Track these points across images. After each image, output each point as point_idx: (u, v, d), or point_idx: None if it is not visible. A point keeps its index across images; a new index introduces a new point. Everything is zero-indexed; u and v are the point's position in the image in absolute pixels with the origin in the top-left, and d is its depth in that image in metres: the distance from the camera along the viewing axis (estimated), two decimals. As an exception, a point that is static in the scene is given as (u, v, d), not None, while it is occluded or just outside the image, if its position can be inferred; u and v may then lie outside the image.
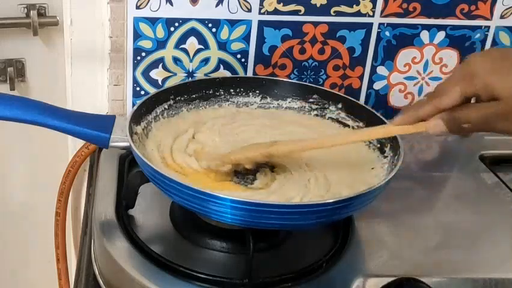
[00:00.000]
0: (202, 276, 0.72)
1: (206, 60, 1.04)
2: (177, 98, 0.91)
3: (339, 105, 0.92)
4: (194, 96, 0.92)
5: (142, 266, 0.74)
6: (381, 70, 1.10)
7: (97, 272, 0.79)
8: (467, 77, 0.68)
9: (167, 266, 0.73)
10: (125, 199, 0.83)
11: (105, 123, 0.80)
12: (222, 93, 0.94)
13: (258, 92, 0.95)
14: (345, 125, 0.91)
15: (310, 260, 0.76)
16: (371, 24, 1.06)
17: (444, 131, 0.70)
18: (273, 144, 0.79)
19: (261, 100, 0.95)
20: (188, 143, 0.86)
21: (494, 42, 1.11)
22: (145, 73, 1.04)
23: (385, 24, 1.06)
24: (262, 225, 0.70)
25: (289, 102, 0.95)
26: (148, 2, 0.98)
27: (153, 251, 0.75)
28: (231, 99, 0.94)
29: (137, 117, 0.83)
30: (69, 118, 0.79)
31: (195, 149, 0.84)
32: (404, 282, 0.75)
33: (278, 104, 0.95)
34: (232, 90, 0.94)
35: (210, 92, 0.93)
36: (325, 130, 0.91)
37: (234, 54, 1.05)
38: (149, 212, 0.85)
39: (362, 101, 1.11)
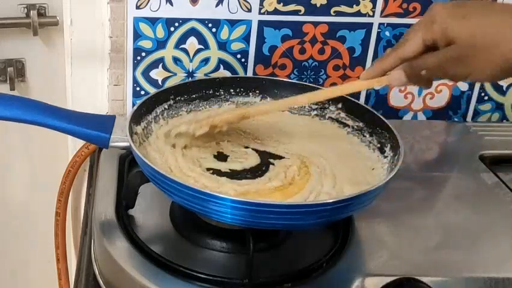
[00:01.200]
0: (202, 276, 0.72)
1: (206, 60, 1.04)
2: (177, 98, 0.91)
3: (339, 105, 0.92)
4: (194, 96, 0.92)
5: (142, 266, 0.74)
6: (381, 70, 1.10)
7: (97, 272, 0.79)
8: (428, 24, 0.71)
9: (167, 266, 0.73)
10: (125, 199, 0.83)
11: (105, 123, 0.80)
12: (222, 93, 0.94)
13: (258, 92, 0.95)
14: (345, 125, 0.91)
15: (310, 260, 0.76)
16: (371, 24, 1.06)
17: (405, 82, 0.73)
18: (248, 107, 0.82)
19: (261, 100, 0.95)
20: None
21: (494, 42, 1.11)
22: (145, 73, 1.04)
23: (385, 24, 1.06)
24: (262, 225, 0.70)
25: (289, 102, 0.95)
26: (148, 2, 0.98)
27: (153, 251, 0.75)
28: (231, 99, 0.94)
29: (137, 117, 0.83)
30: (69, 118, 0.79)
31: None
32: (404, 282, 0.75)
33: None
34: (232, 90, 0.94)
35: (210, 92, 0.93)
36: (325, 130, 0.91)
37: (234, 54, 1.05)
38: (149, 212, 0.85)
39: (362, 101, 1.12)
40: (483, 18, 0.69)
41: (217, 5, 1.00)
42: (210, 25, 1.02)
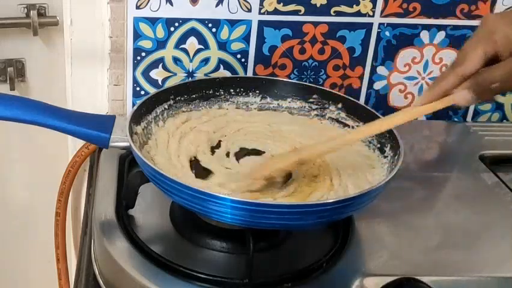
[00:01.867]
0: (202, 276, 0.72)
1: (206, 60, 1.04)
2: (177, 98, 0.91)
3: (339, 105, 0.92)
4: (194, 96, 0.92)
5: (142, 266, 0.74)
6: (381, 70, 1.10)
7: (97, 272, 0.79)
8: (486, 36, 0.68)
9: (167, 266, 0.73)
10: (125, 199, 0.83)
11: (105, 123, 0.80)
12: (222, 93, 0.94)
13: (258, 92, 0.95)
14: (345, 125, 0.91)
15: (310, 260, 0.76)
16: (371, 24, 1.06)
17: (473, 100, 0.69)
18: (300, 150, 0.77)
19: (260, 100, 0.95)
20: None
21: (494, 42, 1.11)
22: (145, 73, 1.04)
23: (385, 24, 1.06)
24: (262, 225, 0.70)
25: (289, 102, 0.95)
26: (148, 2, 0.98)
27: (153, 251, 0.75)
28: (230, 99, 0.94)
29: (137, 117, 0.83)
30: (69, 118, 0.78)
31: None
32: (404, 282, 0.75)
33: (278, 104, 0.95)
34: (232, 90, 0.94)
35: (210, 92, 0.93)
36: (324, 130, 0.91)
37: (234, 54, 1.05)
38: (149, 212, 0.85)
39: (362, 101, 1.11)
40: None
41: (217, 5, 1.00)
42: (210, 25, 1.02)
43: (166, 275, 0.73)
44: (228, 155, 0.85)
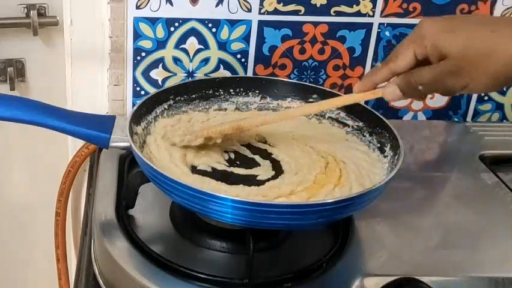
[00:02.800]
0: (202, 276, 0.72)
1: (206, 60, 1.04)
2: (177, 98, 0.91)
3: (339, 105, 0.92)
4: (194, 96, 0.92)
5: (142, 266, 0.74)
6: (381, 70, 1.10)
7: (97, 272, 0.79)
8: (418, 39, 0.71)
9: (167, 266, 0.73)
10: (125, 199, 0.83)
11: (105, 123, 0.80)
12: (222, 93, 0.94)
13: (257, 92, 0.95)
14: (345, 125, 0.91)
15: (310, 260, 0.76)
16: (371, 24, 1.06)
17: (400, 96, 0.73)
18: (243, 119, 0.83)
19: (260, 100, 0.95)
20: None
21: (494, 42, 1.11)
22: (145, 73, 1.04)
23: (385, 24, 1.06)
24: (263, 225, 0.70)
25: (289, 102, 0.95)
26: (148, 2, 0.98)
27: (153, 251, 0.75)
28: (230, 99, 0.94)
29: (137, 117, 0.83)
30: (69, 118, 0.78)
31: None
32: (404, 282, 0.75)
33: (278, 104, 0.95)
34: (232, 90, 0.94)
35: (210, 92, 0.93)
36: (324, 130, 0.91)
37: (234, 54, 1.05)
38: (149, 212, 0.85)
39: (362, 101, 1.11)
40: (473, 30, 0.68)
41: (217, 5, 1.00)
42: (210, 25, 1.02)
43: (166, 275, 0.73)
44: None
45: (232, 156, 0.85)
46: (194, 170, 0.81)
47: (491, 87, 0.69)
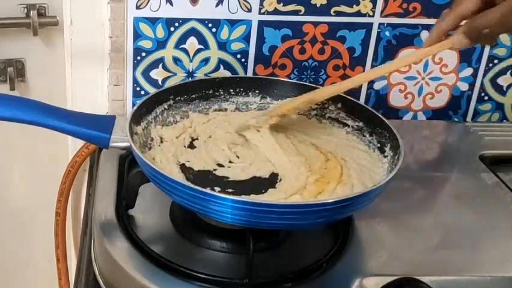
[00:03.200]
0: (202, 276, 0.72)
1: (206, 60, 1.04)
2: (177, 98, 0.91)
3: (339, 105, 0.92)
4: (194, 96, 0.92)
5: (142, 266, 0.74)
6: (381, 70, 1.10)
7: (97, 272, 0.79)
8: None
9: (167, 266, 0.73)
10: (125, 199, 0.83)
11: (105, 123, 0.80)
12: (222, 93, 0.94)
13: (257, 92, 0.95)
14: (345, 125, 0.91)
15: (310, 260, 0.76)
16: (371, 24, 1.06)
17: (468, 43, 0.73)
18: (309, 93, 0.85)
19: (260, 100, 0.95)
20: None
21: (494, 42, 1.11)
22: (145, 73, 1.04)
23: (385, 24, 1.06)
24: (263, 225, 0.70)
25: (289, 102, 0.95)
26: (148, 2, 0.98)
27: (153, 251, 0.75)
28: (230, 99, 0.94)
29: (137, 117, 0.83)
30: (69, 118, 0.78)
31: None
32: (404, 282, 0.75)
33: (278, 103, 0.95)
34: (231, 90, 0.94)
35: (210, 92, 0.93)
36: (324, 130, 0.91)
37: (234, 54, 1.05)
38: (149, 212, 0.85)
39: (362, 101, 1.11)
40: None
41: (217, 5, 1.00)
42: (210, 25, 1.02)
43: (166, 275, 0.73)
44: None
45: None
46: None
47: None
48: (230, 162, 0.83)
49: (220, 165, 0.83)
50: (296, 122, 0.93)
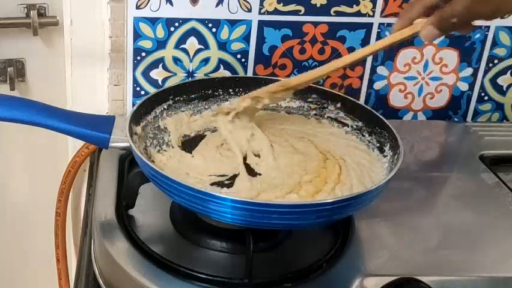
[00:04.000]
0: (202, 276, 0.72)
1: (206, 60, 1.04)
2: (176, 98, 0.91)
3: (338, 105, 0.92)
4: (193, 96, 0.92)
5: (142, 266, 0.74)
6: (381, 70, 1.10)
7: (97, 272, 0.79)
8: None
9: (167, 266, 0.73)
10: (125, 199, 0.83)
11: (105, 123, 0.80)
12: (221, 93, 0.94)
13: (257, 92, 0.95)
14: (345, 125, 0.91)
15: (310, 260, 0.76)
16: (371, 24, 1.06)
17: (437, 34, 0.74)
18: (286, 80, 0.86)
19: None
20: None
21: (494, 42, 1.11)
22: (145, 73, 1.04)
23: (385, 24, 1.06)
24: (262, 225, 0.70)
25: (288, 102, 0.95)
26: (148, 2, 0.98)
27: (153, 251, 0.75)
28: (230, 99, 0.94)
29: (137, 117, 0.83)
30: (69, 119, 0.78)
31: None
32: (404, 282, 0.75)
33: (278, 103, 0.95)
34: (231, 90, 0.94)
35: (209, 92, 0.93)
36: (324, 129, 0.91)
37: (234, 54, 1.05)
38: (149, 212, 0.85)
39: (362, 101, 1.11)
40: None
41: (217, 5, 1.00)
42: (210, 25, 1.02)
43: (166, 275, 0.73)
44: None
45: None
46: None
47: None
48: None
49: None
50: (296, 121, 0.93)
